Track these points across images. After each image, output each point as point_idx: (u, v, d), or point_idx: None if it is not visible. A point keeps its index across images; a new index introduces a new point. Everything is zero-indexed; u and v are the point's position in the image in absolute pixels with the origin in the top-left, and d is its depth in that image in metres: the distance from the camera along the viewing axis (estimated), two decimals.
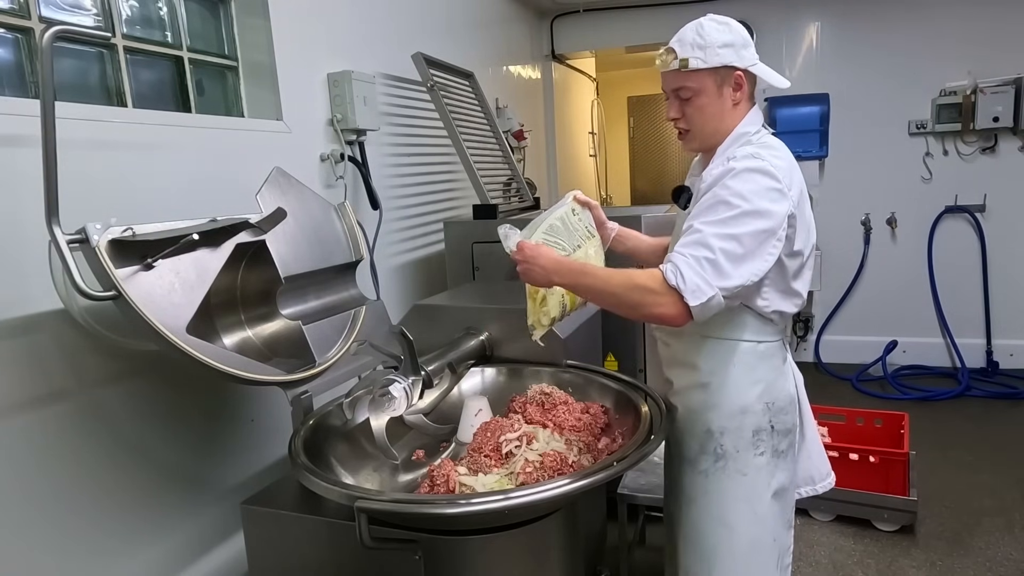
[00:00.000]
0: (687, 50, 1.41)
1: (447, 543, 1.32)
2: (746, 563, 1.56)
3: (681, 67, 1.41)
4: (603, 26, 4.88)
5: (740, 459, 1.52)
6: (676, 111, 1.47)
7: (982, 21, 4.19)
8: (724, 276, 1.30)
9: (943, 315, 4.53)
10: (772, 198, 1.34)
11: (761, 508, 1.54)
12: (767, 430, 1.52)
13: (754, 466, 1.53)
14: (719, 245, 1.30)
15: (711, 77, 1.42)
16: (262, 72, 2.18)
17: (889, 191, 4.55)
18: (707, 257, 1.30)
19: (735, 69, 1.43)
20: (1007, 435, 3.56)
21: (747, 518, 1.54)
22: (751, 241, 1.32)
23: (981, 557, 2.52)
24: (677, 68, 1.41)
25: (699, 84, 1.42)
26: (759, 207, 1.33)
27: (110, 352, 1.53)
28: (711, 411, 1.53)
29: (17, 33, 1.56)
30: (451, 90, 3.02)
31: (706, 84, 1.42)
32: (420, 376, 1.61)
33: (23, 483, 1.40)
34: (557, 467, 1.42)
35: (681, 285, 1.28)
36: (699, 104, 1.44)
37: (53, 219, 1.17)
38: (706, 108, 1.44)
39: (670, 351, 1.62)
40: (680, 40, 1.42)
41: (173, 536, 1.73)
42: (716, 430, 1.53)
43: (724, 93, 1.44)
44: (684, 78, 1.42)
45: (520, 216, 2.98)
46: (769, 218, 1.33)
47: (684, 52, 1.41)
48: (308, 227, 1.70)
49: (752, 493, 1.54)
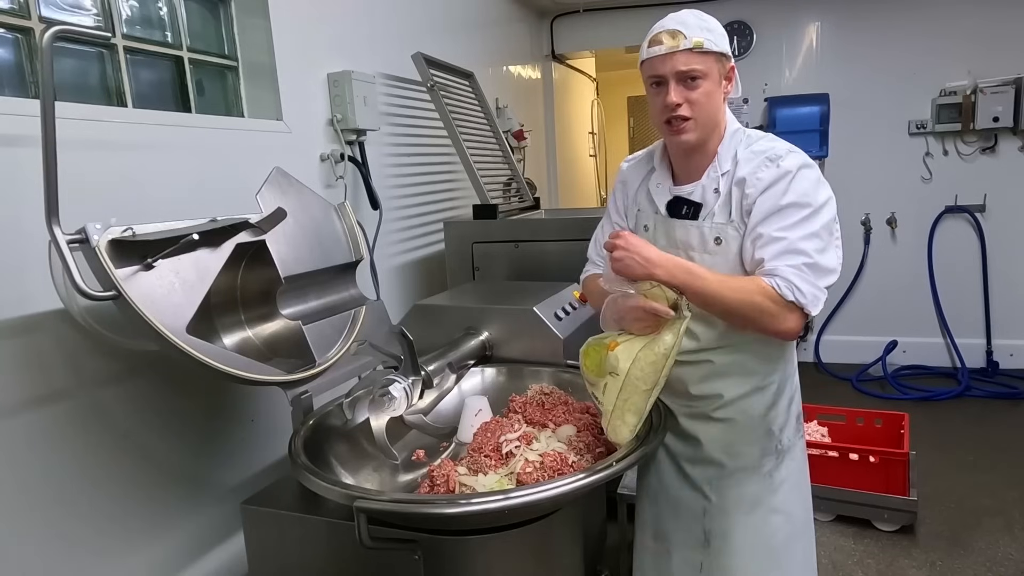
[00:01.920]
0: (696, 32, 1.35)
1: (447, 543, 1.32)
2: (803, 544, 1.62)
3: (695, 47, 1.33)
4: (603, 26, 4.88)
5: (794, 447, 1.58)
6: (680, 96, 1.36)
7: (982, 21, 4.19)
8: (824, 275, 1.34)
9: (943, 315, 4.53)
10: (823, 187, 1.39)
11: (806, 486, 1.64)
12: (799, 411, 1.61)
13: (799, 448, 1.61)
14: (808, 247, 1.31)
15: (717, 63, 1.38)
16: (262, 72, 2.18)
17: (889, 191, 4.55)
18: (805, 263, 1.31)
19: (730, 61, 1.42)
20: (1007, 435, 3.56)
21: (800, 501, 1.61)
22: (826, 234, 1.36)
23: (981, 557, 2.52)
24: (690, 48, 1.33)
25: (708, 67, 1.36)
26: (820, 200, 1.36)
27: (110, 352, 1.53)
28: (771, 411, 1.53)
29: (17, 33, 1.56)
30: (451, 90, 3.02)
31: (712, 69, 1.37)
32: (420, 376, 1.61)
33: (23, 483, 1.40)
34: (557, 467, 1.42)
35: (802, 300, 1.30)
36: (706, 89, 1.37)
37: (53, 219, 1.17)
38: (711, 95, 1.38)
39: (714, 367, 1.50)
40: (683, 23, 1.36)
41: (173, 536, 1.73)
42: (776, 429, 1.53)
43: (721, 83, 1.41)
44: (696, 59, 1.34)
45: (520, 216, 2.98)
46: (830, 207, 1.38)
47: (694, 34, 1.34)
48: (308, 227, 1.70)
49: (801, 476, 1.62)
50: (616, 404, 1.35)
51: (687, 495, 1.59)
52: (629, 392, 1.34)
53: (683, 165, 1.50)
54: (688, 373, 1.52)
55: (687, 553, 1.60)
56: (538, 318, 1.92)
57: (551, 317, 1.94)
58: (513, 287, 2.50)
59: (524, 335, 1.93)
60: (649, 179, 1.56)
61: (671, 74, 1.36)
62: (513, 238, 2.68)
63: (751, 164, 1.40)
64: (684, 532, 1.60)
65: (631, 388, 1.33)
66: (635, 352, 1.33)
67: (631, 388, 1.33)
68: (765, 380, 1.51)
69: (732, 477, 1.54)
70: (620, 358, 1.33)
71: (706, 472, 1.56)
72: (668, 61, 1.35)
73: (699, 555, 1.58)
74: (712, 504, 1.55)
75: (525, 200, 3.32)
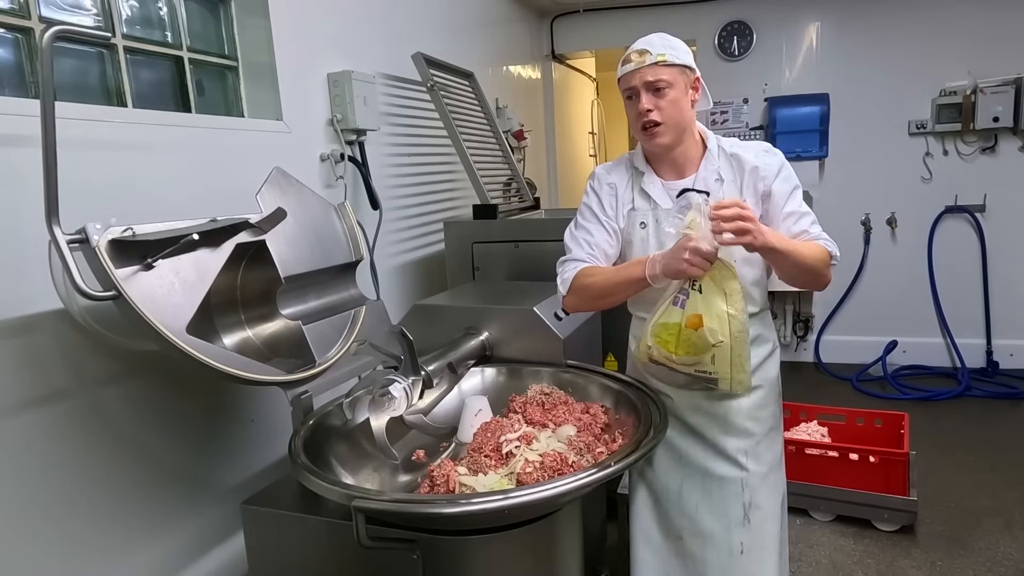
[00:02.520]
0: (660, 49, 1.56)
1: (447, 543, 1.32)
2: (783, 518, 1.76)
3: (659, 61, 1.55)
4: (603, 26, 4.88)
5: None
6: (651, 103, 1.56)
7: (982, 21, 4.18)
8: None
9: (943, 315, 4.53)
10: None
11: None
12: None
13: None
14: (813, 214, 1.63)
15: (681, 74, 1.57)
16: (262, 72, 2.18)
17: (889, 191, 4.55)
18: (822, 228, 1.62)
19: (694, 73, 1.60)
20: (1007, 435, 3.56)
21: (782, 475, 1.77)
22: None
23: (981, 557, 2.52)
24: (655, 62, 1.55)
25: (672, 78, 1.55)
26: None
27: (110, 352, 1.53)
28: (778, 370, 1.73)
29: (17, 33, 1.56)
30: (451, 90, 3.02)
31: (677, 79, 1.56)
32: (420, 376, 1.61)
33: (23, 483, 1.40)
34: (557, 467, 1.42)
35: (837, 254, 1.60)
36: (672, 97, 1.56)
37: (53, 219, 1.17)
38: (678, 101, 1.57)
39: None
40: (650, 44, 1.57)
41: (173, 536, 1.73)
42: (780, 386, 1.75)
43: (687, 92, 1.59)
44: (662, 71, 1.55)
45: (520, 216, 2.98)
46: None
47: (658, 50, 1.55)
48: (308, 227, 1.70)
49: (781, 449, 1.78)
50: (732, 363, 1.48)
51: (723, 470, 1.66)
52: (738, 348, 1.47)
53: (667, 165, 1.66)
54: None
55: (725, 539, 1.66)
56: (538, 318, 1.92)
57: (551, 317, 1.94)
58: (513, 287, 2.50)
59: (524, 335, 1.93)
60: (639, 181, 1.68)
61: (641, 85, 1.56)
62: (513, 238, 2.68)
63: (752, 154, 1.62)
64: (721, 517, 1.66)
65: (739, 344, 1.47)
66: (722, 314, 1.44)
67: (739, 344, 1.47)
68: (773, 343, 1.73)
69: (760, 444, 1.67)
70: (714, 328, 1.44)
71: (739, 444, 1.66)
72: (637, 74, 1.56)
73: (739, 535, 1.65)
74: (750, 474, 1.66)
75: (525, 200, 3.32)
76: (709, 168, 1.62)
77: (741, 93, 4.67)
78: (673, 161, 1.64)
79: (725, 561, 1.66)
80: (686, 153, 1.63)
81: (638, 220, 1.65)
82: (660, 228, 1.61)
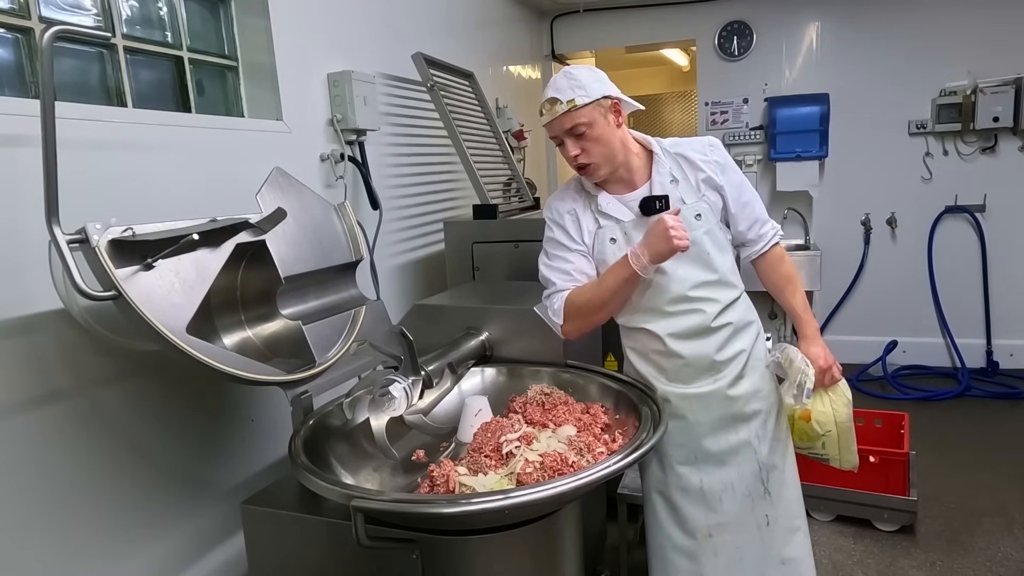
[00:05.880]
0: (568, 93, 1.57)
1: (447, 543, 1.32)
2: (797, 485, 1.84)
3: (570, 107, 1.56)
4: (603, 26, 4.88)
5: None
6: (576, 148, 1.60)
7: (982, 21, 4.18)
8: None
9: (943, 315, 4.53)
10: None
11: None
12: None
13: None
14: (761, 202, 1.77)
15: (596, 109, 1.58)
16: (262, 72, 2.18)
17: (889, 191, 4.55)
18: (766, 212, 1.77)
19: (609, 98, 1.60)
20: (1007, 435, 3.56)
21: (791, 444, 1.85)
22: None
23: (981, 557, 2.52)
24: (567, 110, 1.56)
25: (589, 118, 1.57)
26: None
27: (110, 352, 1.53)
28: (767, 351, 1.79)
29: (17, 33, 1.56)
30: (451, 90, 3.02)
31: (594, 116, 1.58)
32: (420, 376, 1.61)
33: (23, 483, 1.40)
34: (557, 467, 1.42)
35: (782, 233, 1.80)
36: (595, 135, 1.58)
37: (53, 219, 1.17)
38: (602, 136, 1.59)
39: (732, 326, 1.71)
40: (557, 89, 1.59)
41: (173, 536, 1.73)
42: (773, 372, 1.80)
43: (609, 119, 1.60)
44: (576, 116, 1.56)
45: (520, 216, 2.98)
46: None
47: (567, 96, 1.56)
48: (308, 227, 1.70)
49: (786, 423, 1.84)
50: (840, 446, 1.77)
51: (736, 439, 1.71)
52: (845, 435, 1.75)
53: (615, 184, 1.70)
54: (710, 344, 1.68)
55: (750, 518, 1.72)
56: (538, 318, 1.91)
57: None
58: (513, 287, 2.50)
59: (524, 335, 1.93)
60: (594, 202, 1.71)
61: (561, 133, 1.60)
62: (513, 238, 2.68)
63: (698, 151, 1.70)
64: (743, 499, 1.72)
65: (845, 431, 1.75)
66: (827, 409, 1.74)
67: (845, 431, 1.75)
68: (757, 324, 1.79)
69: (769, 418, 1.75)
70: (821, 421, 1.74)
71: (749, 423, 1.72)
72: (555, 125, 1.60)
73: (763, 508, 1.73)
74: (760, 438, 1.73)
75: (525, 200, 3.32)
76: (661, 171, 1.67)
77: (741, 93, 4.67)
78: (620, 179, 1.68)
79: (755, 536, 1.72)
80: (630, 167, 1.67)
81: (607, 237, 1.68)
82: (630, 239, 1.64)
